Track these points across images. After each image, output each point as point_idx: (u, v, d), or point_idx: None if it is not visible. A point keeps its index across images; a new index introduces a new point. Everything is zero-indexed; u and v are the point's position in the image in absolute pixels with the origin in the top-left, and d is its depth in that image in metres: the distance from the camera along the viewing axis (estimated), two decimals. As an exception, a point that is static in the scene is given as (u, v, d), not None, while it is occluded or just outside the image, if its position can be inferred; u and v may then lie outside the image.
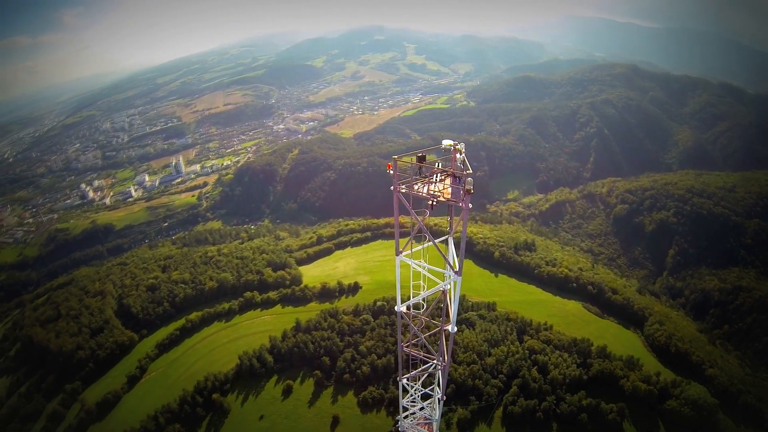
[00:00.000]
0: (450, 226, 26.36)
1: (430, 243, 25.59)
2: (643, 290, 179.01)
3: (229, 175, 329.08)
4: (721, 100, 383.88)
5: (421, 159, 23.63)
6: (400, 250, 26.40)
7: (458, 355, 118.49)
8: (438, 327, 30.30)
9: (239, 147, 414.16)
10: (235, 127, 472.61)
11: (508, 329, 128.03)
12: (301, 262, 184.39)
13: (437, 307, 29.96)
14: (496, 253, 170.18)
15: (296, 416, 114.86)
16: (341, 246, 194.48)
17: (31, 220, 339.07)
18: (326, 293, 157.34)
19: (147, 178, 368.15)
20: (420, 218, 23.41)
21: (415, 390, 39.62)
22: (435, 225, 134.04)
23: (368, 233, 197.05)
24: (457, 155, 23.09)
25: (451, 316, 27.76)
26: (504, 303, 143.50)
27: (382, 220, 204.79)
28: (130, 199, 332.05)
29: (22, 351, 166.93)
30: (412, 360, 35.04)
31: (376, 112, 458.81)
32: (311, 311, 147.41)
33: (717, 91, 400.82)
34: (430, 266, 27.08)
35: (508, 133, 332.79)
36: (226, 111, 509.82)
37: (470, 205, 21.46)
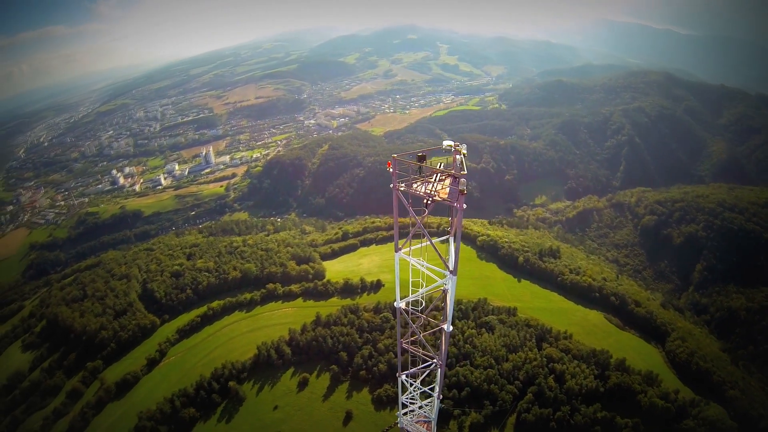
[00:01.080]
0: (451, 226, 27.64)
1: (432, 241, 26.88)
2: (667, 304, 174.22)
3: (258, 168, 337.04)
4: (759, 112, 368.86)
5: (421, 159, 24.67)
6: (400, 247, 27.78)
7: (476, 359, 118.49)
8: (437, 326, 31.57)
9: (269, 140, 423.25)
10: (266, 120, 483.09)
11: (528, 335, 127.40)
12: (326, 257, 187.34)
13: (437, 307, 30.94)
14: (520, 258, 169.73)
15: (310, 409, 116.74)
16: (366, 243, 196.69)
17: (62, 203, 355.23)
18: (348, 289, 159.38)
19: (177, 167, 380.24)
20: (419, 217, 24.78)
21: (414, 388, 40.95)
22: (443, 225, 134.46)
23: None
24: (457, 156, 24.29)
25: (447, 315, 29.03)
26: (525, 309, 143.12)
27: (409, 219, 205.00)
28: (159, 187, 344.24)
29: (47, 328, 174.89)
30: (412, 357, 36.51)
31: (407, 111, 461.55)
32: (332, 306, 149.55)
33: (754, 103, 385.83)
34: (429, 265, 28.34)
35: (539, 138, 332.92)
36: (258, 104, 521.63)
37: (464, 206, 22.13)
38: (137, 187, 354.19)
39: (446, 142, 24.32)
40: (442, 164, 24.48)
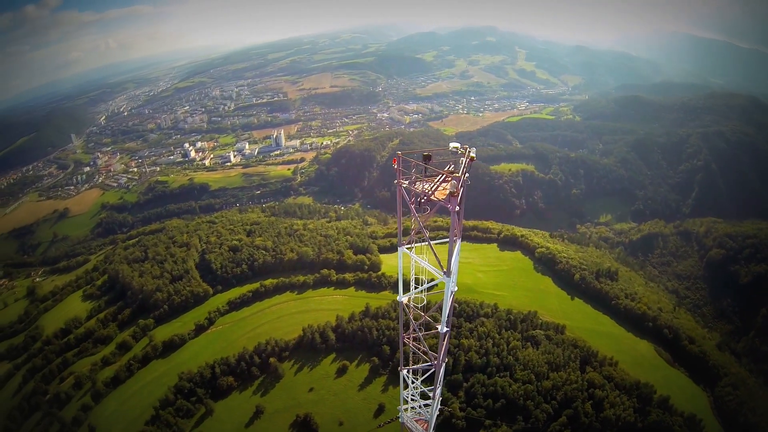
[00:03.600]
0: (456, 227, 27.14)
1: (440, 238, 27.07)
2: (724, 346, 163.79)
3: (327, 155, 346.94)
4: None
5: (427, 158, 24.91)
6: (403, 242, 28.00)
7: (516, 372, 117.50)
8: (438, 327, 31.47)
9: (341, 129, 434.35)
10: (339, 109, 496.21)
11: (572, 356, 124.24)
12: (384, 250, 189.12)
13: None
14: (577, 276, 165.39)
15: (344, 396, 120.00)
16: (425, 241, 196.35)
17: (135, 169, 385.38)
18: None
19: (247, 146, 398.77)
20: (422, 216, 24.97)
21: (415, 386, 40.92)
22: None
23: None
24: (461, 159, 24.17)
25: (443, 316, 28.86)
26: (574, 328, 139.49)
27: (471, 222, 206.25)
28: (228, 164, 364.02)
29: (108, 283, 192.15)
30: (415, 354, 36.62)
31: (480, 114, 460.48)
32: (383, 299, 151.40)
33: None
34: (427, 264, 28.31)
35: (610, 154, 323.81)
36: (332, 93, 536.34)
37: (457, 208, 22.41)
38: (207, 162, 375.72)
39: (452, 144, 24.32)
40: (451, 166, 24.47)
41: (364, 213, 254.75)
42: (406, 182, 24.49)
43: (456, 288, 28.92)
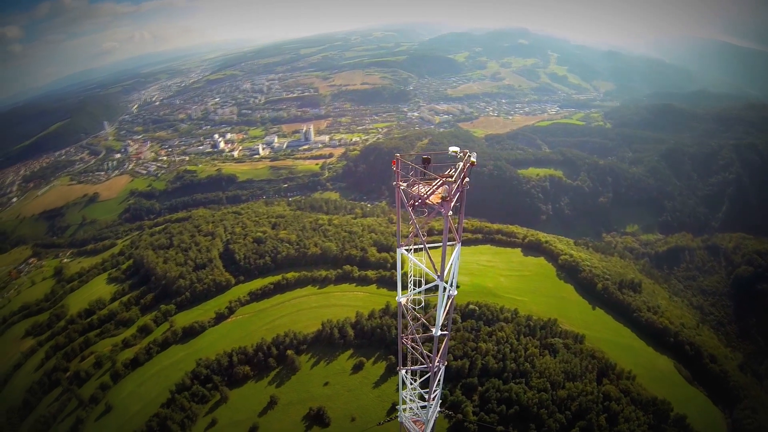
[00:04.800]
0: (453, 231, 27.18)
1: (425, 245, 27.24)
2: (746, 368, 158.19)
3: (356, 151, 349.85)
4: None
5: (426, 162, 25.09)
6: (401, 243, 28.28)
7: (532, 380, 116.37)
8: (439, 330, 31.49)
9: (370, 126, 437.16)
10: (369, 106, 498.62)
11: (590, 367, 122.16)
12: (408, 249, 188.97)
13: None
14: (599, 285, 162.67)
15: (359, 392, 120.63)
16: (450, 242, 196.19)
17: (165, 158, 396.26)
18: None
19: (276, 139, 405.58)
20: (421, 218, 25.24)
21: (413, 387, 41.06)
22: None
23: (479, 235, 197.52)
24: (459, 163, 24.27)
25: (436, 319, 28.96)
26: (593, 338, 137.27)
27: (495, 226, 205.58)
28: (257, 156, 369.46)
29: (133, 267, 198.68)
30: (414, 355, 36.83)
31: (510, 117, 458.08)
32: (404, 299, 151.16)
33: None
34: (423, 267, 28.50)
35: (640, 163, 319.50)
36: (363, 90, 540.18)
37: (451, 213, 22.72)
38: (236, 153, 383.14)
39: (452, 148, 24.57)
40: (452, 170, 24.67)
41: (390, 211, 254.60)
42: (404, 184, 24.94)
43: (455, 292, 29.34)
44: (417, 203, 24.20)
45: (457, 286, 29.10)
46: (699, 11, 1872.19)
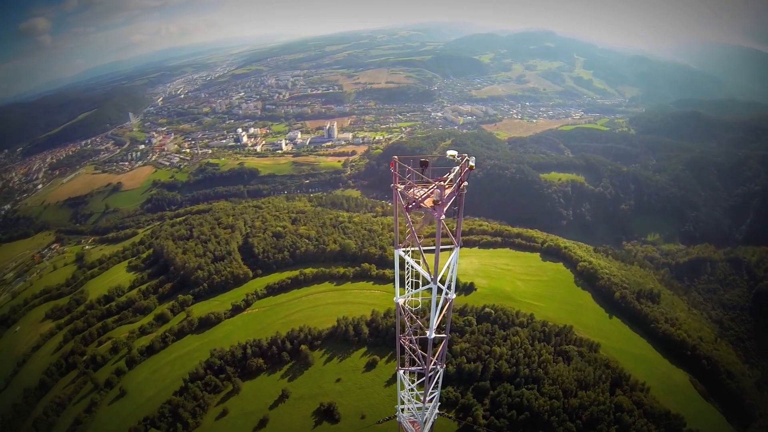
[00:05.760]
0: (451, 234, 27.05)
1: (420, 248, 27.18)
2: (764, 385, 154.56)
3: (379, 150, 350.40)
4: None
5: (424, 165, 25.01)
6: (399, 244, 28.23)
7: (544, 386, 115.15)
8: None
9: (394, 125, 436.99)
10: (394, 105, 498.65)
11: (604, 376, 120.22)
12: (427, 250, 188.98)
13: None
14: (617, 294, 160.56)
15: (370, 390, 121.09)
16: (469, 244, 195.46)
17: (188, 150, 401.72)
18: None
19: (299, 135, 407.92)
20: (419, 221, 25.21)
21: (410, 388, 41.01)
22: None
23: (498, 238, 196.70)
24: (456, 167, 24.12)
25: (430, 322, 28.84)
26: (608, 347, 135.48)
27: (515, 230, 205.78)
28: (279, 151, 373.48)
29: (152, 256, 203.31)
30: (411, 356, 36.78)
31: (534, 120, 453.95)
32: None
33: None
34: (420, 269, 28.38)
35: (664, 171, 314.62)
36: (388, 88, 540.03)
37: (443, 216, 22.81)
38: (258, 148, 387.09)
39: (450, 152, 24.49)
40: (451, 173, 24.58)
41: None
42: (402, 186, 25.21)
43: (453, 296, 29.24)
44: (411, 206, 24.25)
45: (472, 288, 28.96)
46: (726, 18, 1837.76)
